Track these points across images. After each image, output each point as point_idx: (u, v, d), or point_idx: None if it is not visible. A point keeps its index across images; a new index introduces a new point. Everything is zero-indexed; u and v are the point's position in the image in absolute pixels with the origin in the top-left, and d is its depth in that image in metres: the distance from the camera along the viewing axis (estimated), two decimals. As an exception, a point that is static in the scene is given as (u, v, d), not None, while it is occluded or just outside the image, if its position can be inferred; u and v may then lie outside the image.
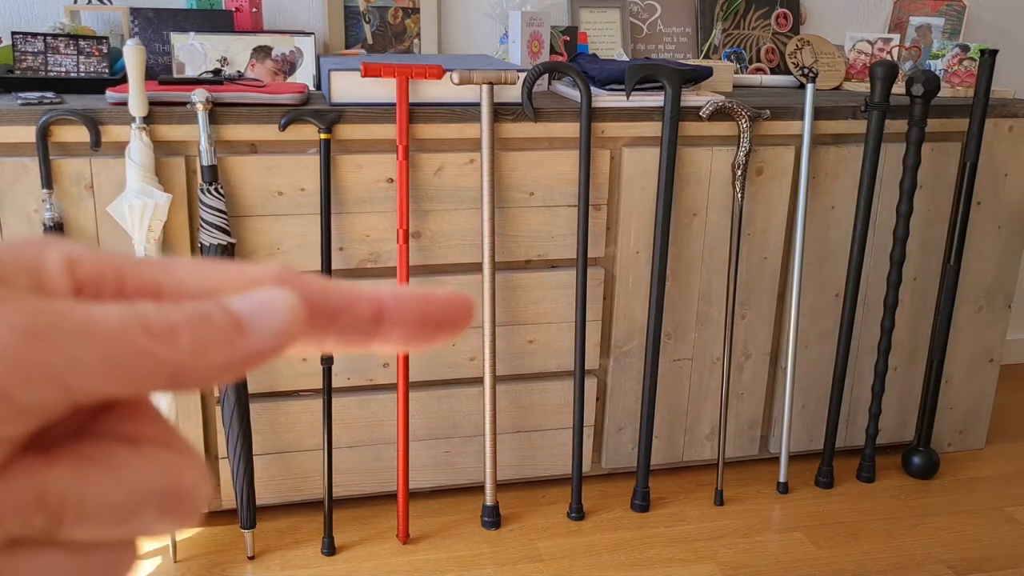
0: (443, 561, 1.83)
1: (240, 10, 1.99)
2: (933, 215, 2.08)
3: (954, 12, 2.37)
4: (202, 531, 1.88)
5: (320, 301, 0.22)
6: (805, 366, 2.12)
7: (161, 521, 0.21)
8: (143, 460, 0.21)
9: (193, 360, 0.20)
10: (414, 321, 0.23)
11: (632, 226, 1.90)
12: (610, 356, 1.99)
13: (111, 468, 0.20)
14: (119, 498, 0.20)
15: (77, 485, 0.20)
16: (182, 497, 0.21)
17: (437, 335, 0.24)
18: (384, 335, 0.23)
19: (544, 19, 2.04)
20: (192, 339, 0.20)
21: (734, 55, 2.30)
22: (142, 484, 0.21)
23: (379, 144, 1.75)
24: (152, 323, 0.19)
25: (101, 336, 0.19)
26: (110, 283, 0.21)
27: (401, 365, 1.81)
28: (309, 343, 0.23)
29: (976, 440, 2.31)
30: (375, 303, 0.23)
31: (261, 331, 0.21)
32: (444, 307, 0.24)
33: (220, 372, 0.20)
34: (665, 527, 1.97)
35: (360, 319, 0.23)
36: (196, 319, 0.20)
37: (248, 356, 0.20)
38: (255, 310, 0.21)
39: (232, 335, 0.20)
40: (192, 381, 0.20)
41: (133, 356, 0.19)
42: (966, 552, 1.91)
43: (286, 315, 0.21)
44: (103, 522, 0.20)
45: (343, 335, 0.23)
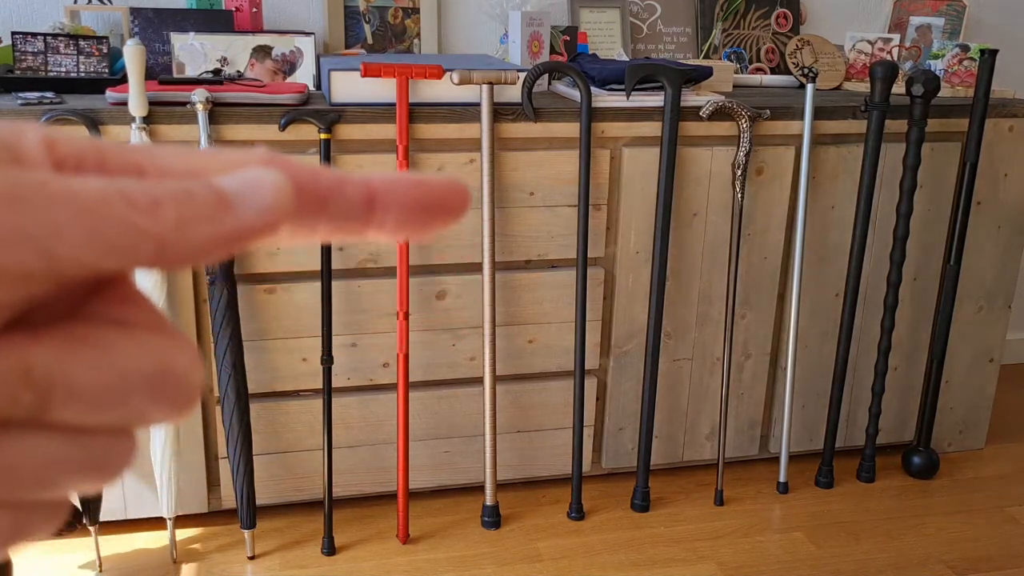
0: (443, 561, 1.83)
1: (240, 10, 1.99)
2: (933, 215, 2.08)
3: (954, 12, 2.37)
4: (202, 531, 1.89)
5: (309, 183, 0.22)
6: (805, 366, 2.11)
7: (154, 406, 0.21)
8: (133, 342, 0.20)
9: (177, 233, 0.19)
10: (408, 205, 0.23)
11: (632, 226, 1.90)
12: (610, 356, 1.99)
13: (100, 348, 0.20)
14: (109, 378, 0.20)
15: (65, 363, 0.19)
16: (175, 380, 0.21)
17: (433, 221, 0.23)
18: (378, 221, 0.22)
19: (544, 19, 2.04)
20: (176, 212, 0.19)
21: (734, 55, 2.30)
22: (133, 365, 0.20)
23: (379, 144, 1.75)
24: (134, 195, 0.19)
25: (82, 205, 0.18)
26: (91, 164, 0.21)
27: (401, 365, 1.81)
28: (300, 228, 0.22)
29: (976, 440, 2.31)
30: (366, 187, 0.22)
31: (247, 207, 0.20)
32: (438, 191, 0.23)
33: (206, 248, 0.20)
34: (665, 527, 1.97)
35: (351, 203, 0.22)
36: (180, 194, 0.19)
37: (234, 232, 0.20)
38: (242, 187, 0.20)
39: (217, 210, 0.20)
40: (177, 256, 0.19)
41: (114, 225, 0.18)
42: (966, 552, 1.91)
43: (273, 192, 0.20)
44: (94, 403, 0.20)
45: (335, 221, 0.22)
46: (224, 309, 1.68)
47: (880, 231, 2.05)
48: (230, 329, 1.69)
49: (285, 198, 0.21)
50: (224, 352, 1.69)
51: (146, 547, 1.83)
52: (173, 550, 1.80)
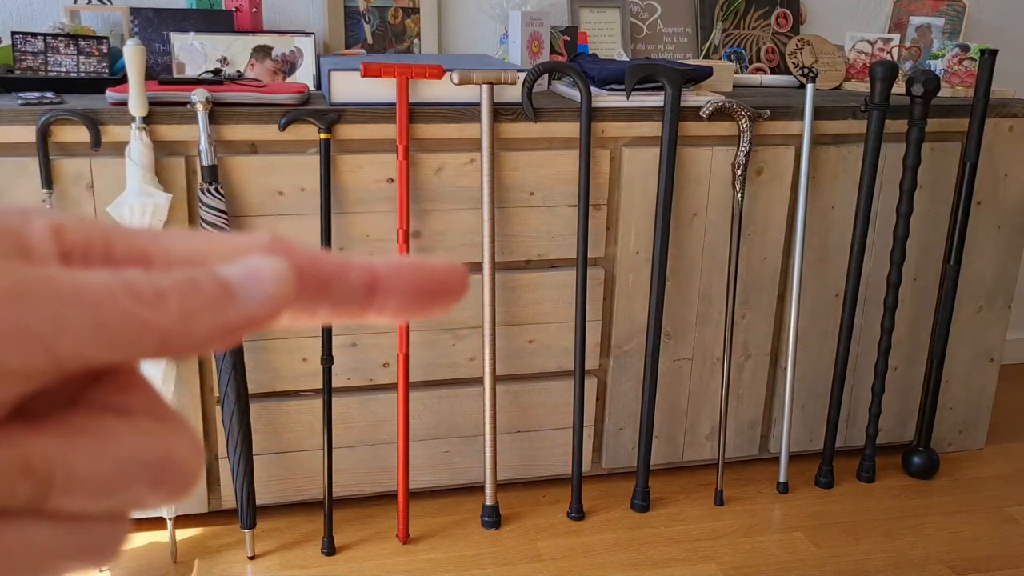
0: (443, 561, 1.83)
1: (240, 10, 1.99)
2: (933, 215, 2.08)
3: (954, 12, 2.37)
4: (202, 531, 1.89)
5: (311, 269, 0.22)
6: (805, 366, 2.11)
7: (153, 493, 0.21)
8: (134, 430, 0.21)
9: (181, 326, 0.19)
10: (409, 290, 0.23)
11: (632, 226, 1.90)
12: (610, 356, 1.99)
13: (101, 437, 0.20)
14: (109, 467, 0.20)
15: (65, 453, 0.19)
16: (174, 468, 0.21)
17: (432, 305, 0.23)
18: (379, 305, 0.23)
19: (544, 19, 2.04)
20: (180, 304, 0.19)
21: (734, 55, 2.30)
22: (133, 454, 0.20)
23: (379, 144, 1.75)
24: (140, 288, 0.19)
25: (87, 300, 0.18)
26: (98, 251, 0.21)
27: (401, 365, 1.81)
28: (301, 313, 0.22)
29: (976, 440, 2.31)
30: (368, 272, 0.22)
31: (250, 297, 0.20)
32: (439, 276, 0.23)
33: (209, 339, 0.20)
34: (665, 527, 1.97)
35: (353, 288, 0.22)
36: (184, 285, 0.20)
37: (237, 322, 0.20)
38: (244, 277, 0.20)
39: (221, 301, 0.20)
40: (181, 347, 0.20)
41: (120, 320, 0.19)
42: (966, 552, 1.91)
43: (276, 282, 0.21)
44: (93, 493, 0.20)
45: (336, 305, 0.22)
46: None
47: (880, 231, 2.05)
48: (230, 329, 1.69)
49: (288, 287, 0.21)
50: (224, 352, 1.69)
51: (146, 547, 1.83)
52: (173, 550, 1.80)
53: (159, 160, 1.64)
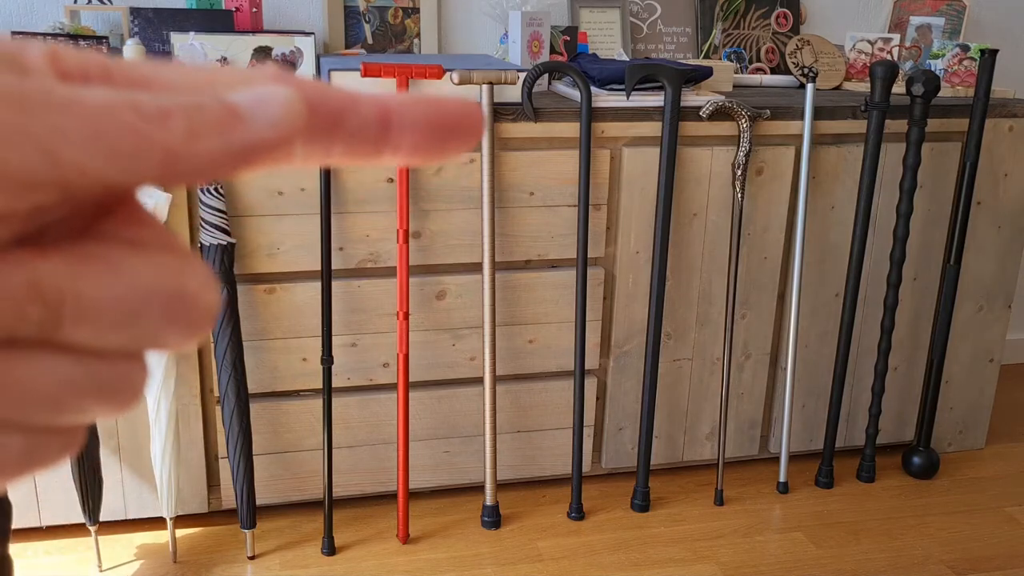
0: (443, 561, 1.83)
1: (240, 10, 1.99)
2: (933, 215, 2.08)
3: (954, 12, 2.37)
4: (202, 531, 1.89)
5: (321, 100, 0.21)
6: (805, 366, 2.11)
7: (168, 327, 0.20)
8: (145, 260, 0.20)
9: (186, 143, 0.19)
10: (423, 125, 0.22)
11: (632, 226, 1.90)
12: (610, 356, 1.99)
13: (111, 265, 0.19)
14: (120, 296, 0.19)
15: (75, 279, 0.19)
16: (188, 301, 0.20)
17: (448, 143, 0.23)
18: (393, 142, 0.22)
19: (544, 19, 2.04)
20: (185, 122, 0.19)
21: (734, 55, 2.30)
22: (144, 283, 0.20)
23: (379, 144, 1.74)
24: (142, 104, 0.18)
25: (87, 110, 0.18)
26: (96, 77, 0.20)
27: (401, 365, 1.81)
28: (314, 149, 0.21)
29: (976, 440, 2.31)
30: (381, 106, 0.22)
31: (258, 120, 0.20)
32: (453, 111, 0.23)
33: (216, 161, 0.19)
34: (665, 527, 1.97)
35: (366, 122, 0.21)
36: (189, 105, 0.19)
37: (245, 146, 0.19)
38: (252, 101, 0.20)
39: (228, 122, 0.19)
40: (187, 168, 0.19)
41: (122, 132, 0.18)
42: (966, 552, 1.91)
43: (284, 106, 0.20)
44: (106, 321, 0.19)
45: (349, 141, 0.22)
46: (224, 309, 1.68)
47: (880, 231, 2.05)
48: (230, 329, 1.69)
49: (297, 113, 0.20)
50: (224, 352, 1.69)
51: (146, 547, 1.83)
52: (173, 550, 1.80)
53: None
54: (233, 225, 1.70)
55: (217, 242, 1.64)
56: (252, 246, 1.73)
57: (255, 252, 1.74)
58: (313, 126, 0.21)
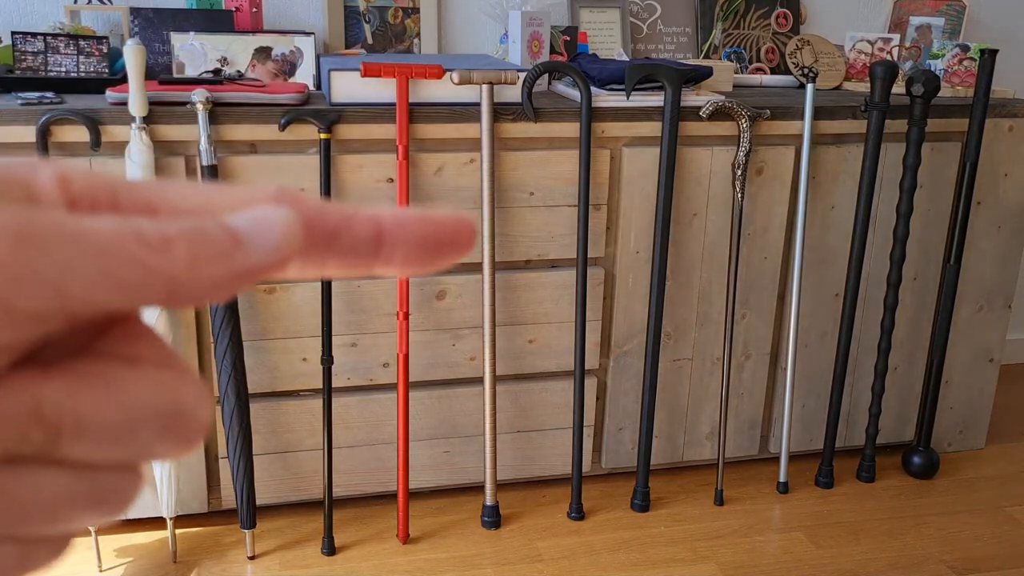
0: (443, 561, 1.83)
1: (240, 10, 1.99)
2: (933, 215, 2.08)
3: (954, 12, 2.37)
4: (202, 531, 1.88)
5: (318, 220, 0.22)
6: (805, 366, 2.11)
7: (162, 442, 0.21)
8: (143, 377, 0.21)
9: (189, 272, 0.19)
10: (415, 242, 0.23)
11: (632, 226, 1.90)
12: (610, 356, 1.99)
13: (109, 384, 0.20)
14: (119, 414, 0.20)
15: (74, 399, 0.19)
16: (183, 416, 0.21)
17: (439, 257, 0.23)
18: (385, 257, 0.23)
19: (544, 19, 2.04)
20: (188, 250, 0.19)
21: (734, 55, 2.30)
22: (141, 401, 0.20)
23: (379, 144, 1.75)
24: (147, 233, 0.19)
25: (95, 243, 0.18)
26: (104, 201, 0.21)
27: (401, 365, 1.81)
28: (309, 264, 0.22)
29: (976, 440, 2.31)
30: (374, 223, 0.22)
31: (258, 246, 0.20)
32: (445, 228, 0.23)
33: (216, 286, 0.20)
34: (665, 527, 1.97)
35: (359, 239, 0.22)
36: (192, 232, 0.20)
37: (245, 270, 0.20)
38: (252, 225, 0.21)
39: (228, 249, 0.20)
40: (188, 294, 0.20)
41: (127, 264, 0.19)
42: (966, 552, 1.91)
43: (283, 231, 0.21)
44: (102, 439, 0.20)
45: (343, 256, 0.22)
46: (224, 309, 1.68)
47: (880, 231, 2.05)
48: (230, 329, 1.69)
49: (295, 236, 0.21)
50: (224, 352, 1.69)
51: (146, 547, 1.83)
52: (173, 550, 1.80)
53: (159, 160, 1.64)
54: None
55: (217, 242, 1.64)
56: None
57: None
58: (309, 246, 0.22)
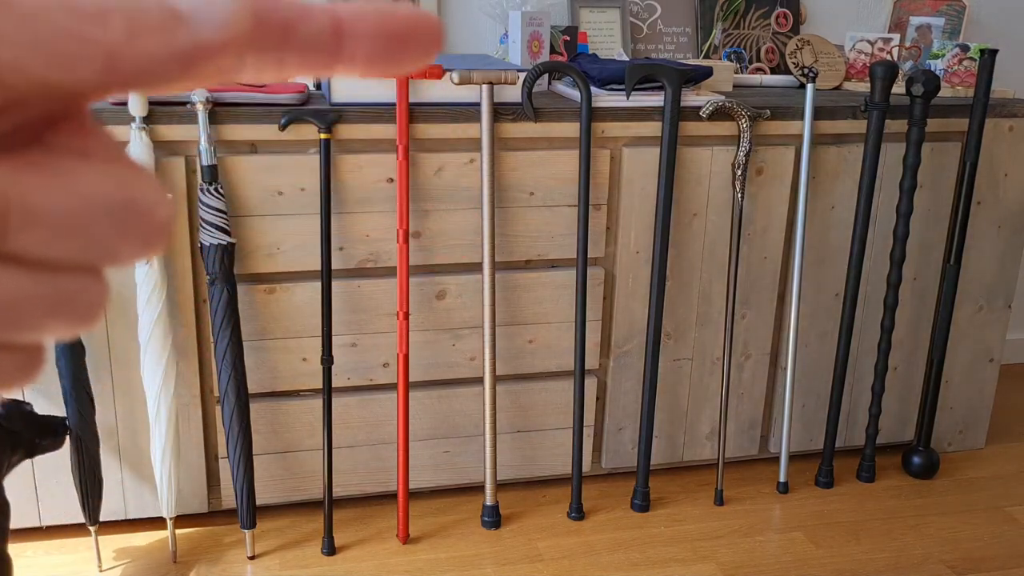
0: (443, 561, 1.83)
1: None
2: (933, 215, 2.08)
3: (954, 12, 2.37)
4: (202, 531, 1.89)
5: (271, 7, 0.20)
6: (805, 366, 2.12)
7: (120, 239, 0.20)
8: (94, 169, 0.19)
9: (127, 44, 0.18)
10: (378, 34, 0.21)
11: (632, 226, 1.90)
12: (610, 356, 1.99)
13: (59, 173, 0.19)
14: (69, 201, 0.19)
15: (20, 184, 0.18)
16: (139, 211, 0.20)
17: (405, 54, 0.22)
18: (348, 53, 0.21)
19: (544, 19, 2.04)
20: (125, 22, 0.18)
21: (734, 55, 2.30)
22: (93, 192, 0.19)
23: (379, 144, 1.75)
24: (78, 4, 0.18)
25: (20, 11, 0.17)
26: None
27: (401, 365, 1.81)
28: (265, 60, 0.21)
29: (976, 440, 2.31)
30: (332, 16, 0.21)
31: (202, 23, 0.19)
32: (408, 22, 0.22)
33: (160, 64, 0.19)
34: (665, 527, 1.97)
35: (318, 32, 0.21)
36: (128, 6, 0.18)
37: (189, 49, 0.19)
38: (195, 3, 0.19)
39: (170, 24, 0.19)
40: (129, 70, 0.18)
41: (59, 32, 0.17)
42: (966, 552, 1.91)
43: (229, 8, 0.19)
44: (53, 231, 0.18)
45: (302, 52, 0.21)
46: (224, 309, 1.68)
47: (880, 231, 2.05)
48: (230, 329, 1.69)
49: (242, 16, 0.19)
50: (224, 352, 1.69)
51: (146, 547, 1.83)
52: (173, 550, 1.80)
53: (159, 160, 1.64)
54: (233, 225, 1.70)
55: (217, 242, 1.64)
56: (252, 246, 1.73)
57: (255, 252, 1.74)
58: (263, 34, 0.20)
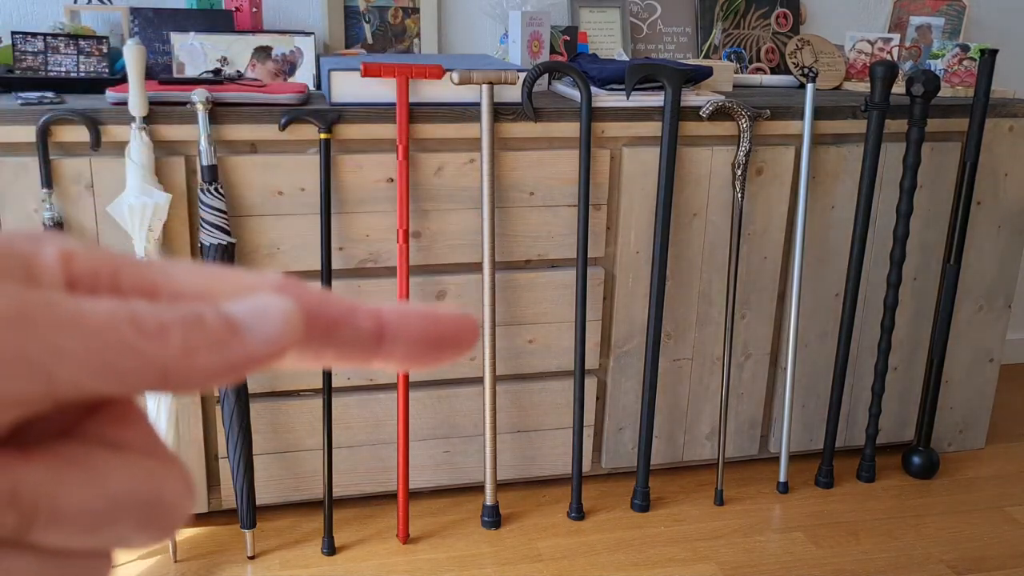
0: (443, 561, 1.83)
1: (240, 10, 1.99)
2: (933, 215, 2.08)
3: (954, 12, 2.37)
4: (202, 531, 1.88)
5: (319, 311, 0.21)
6: (805, 366, 2.11)
7: (139, 532, 0.20)
8: (126, 466, 0.20)
9: (183, 360, 0.19)
10: (417, 339, 0.22)
11: (632, 226, 1.90)
12: (610, 356, 1.99)
13: (91, 471, 0.19)
14: (97, 504, 0.19)
15: (53, 485, 0.19)
16: (163, 509, 0.20)
17: (440, 355, 0.23)
18: (386, 352, 0.22)
19: (544, 19, 2.04)
20: (183, 339, 0.19)
21: (734, 55, 2.30)
22: (123, 491, 0.20)
23: (379, 144, 1.75)
24: (142, 320, 0.19)
25: (89, 328, 0.18)
26: (105, 281, 0.21)
27: (401, 365, 1.81)
28: (307, 356, 0.22)
29: (976, 440, 2.31)
30: (376, 317, 0.22)
31: (255, 336, 0.20)
32: (448, 326, 0.23)
33: (211, 375, 0.20)
34: (665, 527, 1.97)
35: (360, 333, 0.22)
36: (189, 319, 0.19)
37: (241, 361, 0.20)
38: (251, 314, 0.20)
39: (225, 338, 0.20)
40: (182, 382, 0.19)
41: (120, 351, 0.18)
42: (966, 552, 1.91)
43: (282, 322, 0.20)
44: (78, 528, 0.19)
45: (342, 349, 0.22)
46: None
47: (880, 231, 2.05)
48: (230, 329, 1.69)
49: (294, 328, 0.20)
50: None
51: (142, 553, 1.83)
52: (173, 550, 1.80)
53: (159, 160, 1.64)
54: (233, 225, 1.70)
55: (217, 242, 1.64)
56: (252, 246, 1.73)
57: (255, 252, 1.74)
58: (308, 337, 0.21)
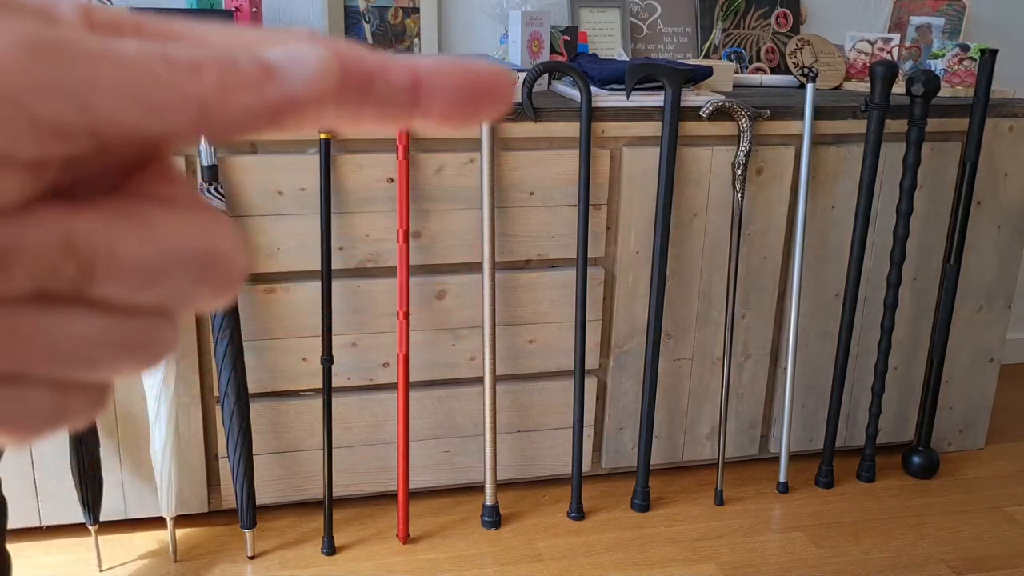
0: (443, 561, 1.83)
1: (240, 10, 1.99)
2: (933, 215, 2.08)
3: (954, 12, 2.37)
4: (202, 531, 1.89)
5: (353, 61, 0.21)
6: (805, 366, 2.11)
7: (198, 286, 0.20)
8: (178, 218, 0.20)
9: (219, 97, 0.19)
10: (454, 91, 0.22)
11: (632, 226, 1.90)
12: (610, 356, 1.99)
13: (144, 222, 0.19)
14: (153, 252, 0.19)
15: (108, 234, 0.19)
16: (220, 259, 0.20)
17: (478, 107, 0.22)
18: (424, 106, 0.22)
19: (544, 19, 2.04)
20: (218, 75, 0.19)
21: (734, 55, 2.30)
22: (177, 241, 0.20)
23: (379, 144, 1.75)
24: (174, 57, 0.18)
25: (119, 60, 0.17)
26: (128, 31, 0.20)
27: (401, 365, 1.81)
28: (345, 111, 0.21)
29: (976, 440, 2.31)
30: (412, 70, 0.22)
31: (292, 78, 0.19)
32: (485, 77, 0.22)
33: (249, 117, 0.19)
34: (665, 527, 1.97)
35: (397, 86, 0.21)
36: (222, 60, 0.19)
37: (278, 103, 0.19)
38: (285, 58, 0.20)
39: (261, 78, 0.19)
40: (220, 123, 0.19)
41: (155, 83, 0.18)
42: (966, 552, 1.91)
43: (317, 65, 0.20)
44: (138, 279, 0.19)
45: (380, 104, 0.21)
46: (224, 309, 1.68)
47: (880, 231, 2.05)
48: (230, 329, 1.69)
49: (329, 72, 0.20)
50: (224, 352, 1.69)
51: (146, 547, 1.83)
52: (173, 550, 1.80)
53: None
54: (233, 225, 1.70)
55: (217, 242, 1.64)
56: (252, 246, 1.73)
57: (255, 252, 1.74)
58: (345, 87, 0.21)
